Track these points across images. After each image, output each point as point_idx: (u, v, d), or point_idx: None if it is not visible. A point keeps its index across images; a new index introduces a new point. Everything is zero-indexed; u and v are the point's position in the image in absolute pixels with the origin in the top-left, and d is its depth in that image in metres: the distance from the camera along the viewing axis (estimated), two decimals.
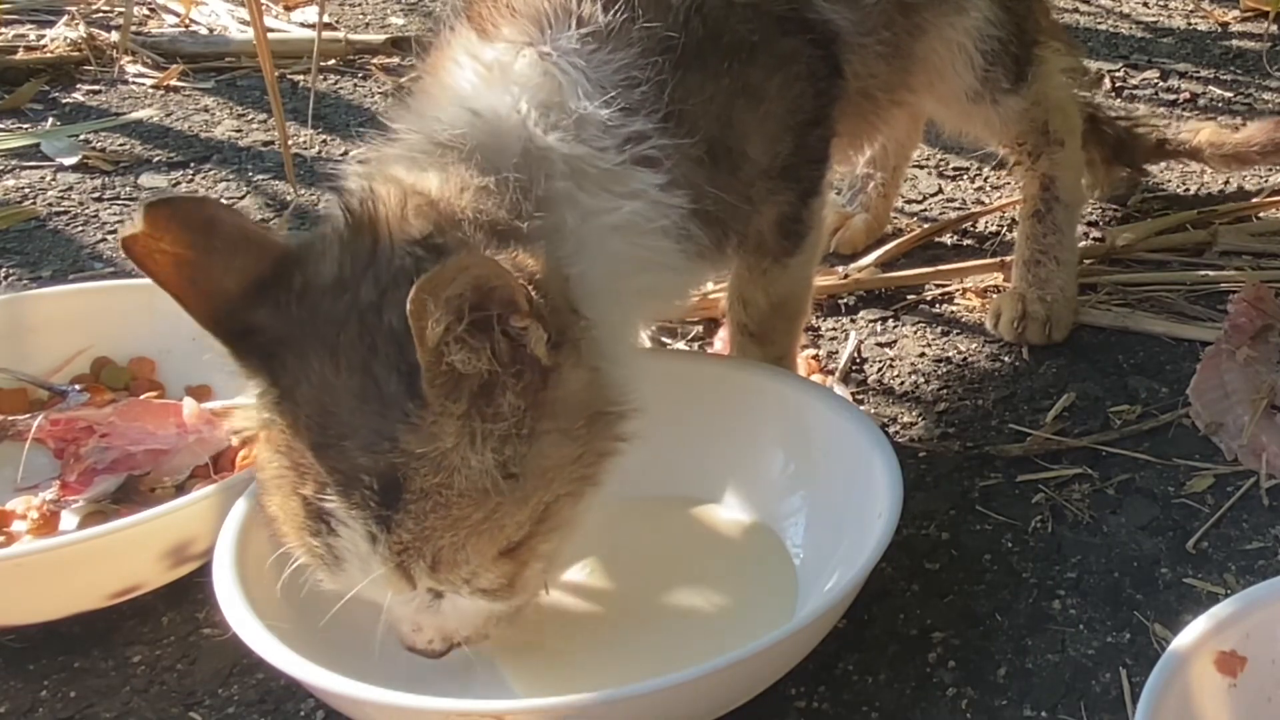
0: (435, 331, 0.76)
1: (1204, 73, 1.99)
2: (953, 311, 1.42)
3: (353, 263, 0.85)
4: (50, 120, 1.81)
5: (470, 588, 0.86)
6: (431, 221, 0.85)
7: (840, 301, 1.43)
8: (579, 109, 0.91)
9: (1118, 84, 1.94)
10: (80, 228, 1.57)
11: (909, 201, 1.62)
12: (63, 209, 1.60)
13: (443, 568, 0.84)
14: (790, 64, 1.04)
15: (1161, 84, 1.94)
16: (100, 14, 2.12)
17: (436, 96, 0.94)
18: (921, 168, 1.69)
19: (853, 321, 1.40)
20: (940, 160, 1.72)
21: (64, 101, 1.88)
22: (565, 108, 0.91)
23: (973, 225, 1.58)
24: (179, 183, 1.67)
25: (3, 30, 2.03)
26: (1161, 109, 1.87)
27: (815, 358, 1.33)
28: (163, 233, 0.83)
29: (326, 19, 2.11)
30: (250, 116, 1.85)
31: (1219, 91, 1.91)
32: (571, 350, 0.85)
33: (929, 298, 1.44)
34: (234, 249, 0.85)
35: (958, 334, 1.38)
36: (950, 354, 1.35)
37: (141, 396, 1.17)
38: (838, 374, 1.31)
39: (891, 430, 1.23)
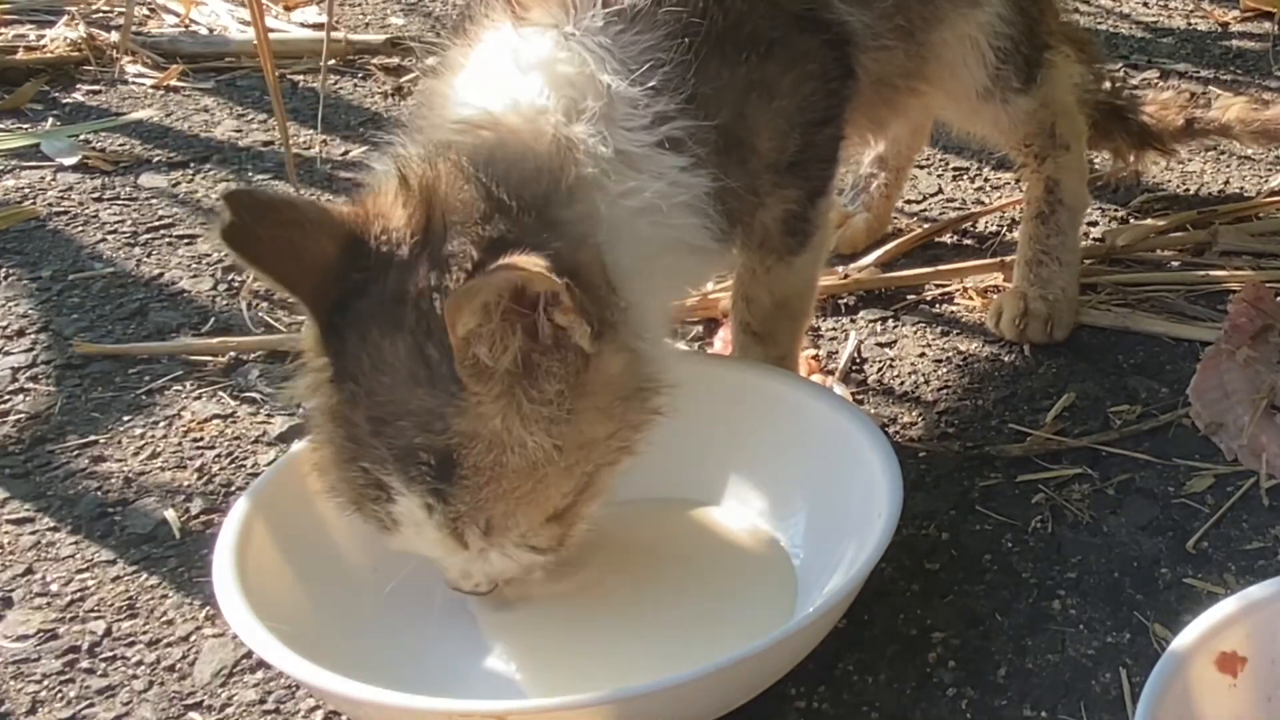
0: (464, 330, 0.81)
1: (1204, 73, 1.98)
2: (953, 311, 1.42)
3: (411, 239, 0.88)
4: (50, 120, 1.81)
5: (520, 547, 0.92)
6: (485, 203, 0.88)
7: (840, 301, 1.43)
8: (606, 86, 0.93)
9: (1118, 84, 1.94)
10: (80, 228, 1.57)
11: (909, 201, 1.62)
12: (63, 209, 1.60)
13: (494, 533, 0.89)
14: (804, 62, 1.06)
15: (1162, 84, 1.94)
16: (100, 14, 2.12)
17: (469, 83, 0.96)
18: (922, 168, 1.69)
19: (853, 321, 1.40)
20: (941, 160, 1.72)
21: (64, 101, 1.88)
22: (592, 87, 0.93)
23: (973, 225, 1.58)
24: (179, 183, 1.67)
25: (3, 30, 2.03)
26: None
27: (815, 358, 1.32)
28: (253, 216, 0.86)
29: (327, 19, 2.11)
30: (250, 116, 1.85)
31: (1219, 91, 1.91)
32: (611, 335, 0.89)
33: (929, 298, 1.44)
34: (316, 220, 0.89)
35: (958, 334, 1.38)
36: (950, 354, 1.35)
37: None
38: (838, 374, 1.31)
39: (891, 430, 1.23)
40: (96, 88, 1.92)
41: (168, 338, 1.37)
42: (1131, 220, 1.58)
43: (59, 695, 0.97)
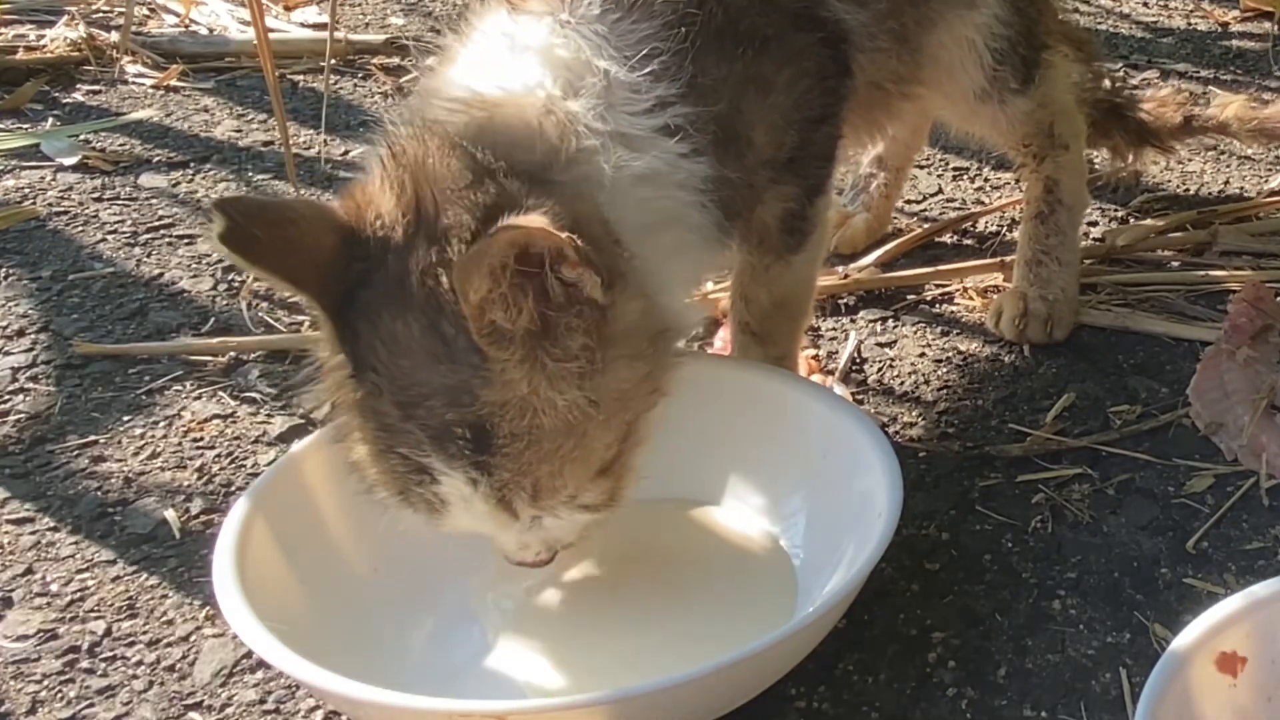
0: (476, 296, 0.81)
1: (1204, 73, 1.98)
2: (953, 311, 1.42)
3: (404, 219, 0.88)
4: (50, 120, 1.81)
5: (571, 508, 0.91)
6: (473, 172, 0.87)
7: (840, 301, 1.43)
8: (604, 71, 0.93)
9: (1118, 84, 1.94)
10: (80, 228, 1.57)
11: (909, 201, 1.62)
12: (63, 209, 1.60)
13: (543, 496, 0.89)
14: (800, 60, 1.06)
15: (1161, 84, 1.94)
16: (100, 14, 2.12)
17: (465, 67, 0.96)
18: (922, 168, 1.69)
19: (853, 321, 1.40)
20: (941, 160, 1.72)
21: (64, 101, 1.88)
22: (590, 71, 0.93)
23: (973, 225, 1.58)
24: (179, 183, 1.67)
25: (3, 30, 2.03)
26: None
27: (815, 358, 1.32)
28: (247, 219, 0.86)
29: (327, 19, 2.11)
30: (250, 116, 1.85)
31: (1219, 92, 1.91)
32: (623, 284, 0.89)
33: (929, 298, 1.44)
34: (310, 216, 0.89)
35: (958, 334, 1.38)
36: (950, 354, 1.35)
37: None
38: (838, 374, 1.31)
39: (891, 430, 1.23)
40: (96, 88, 1.92)
41: (168, 338, 1.37)
42: (1131, 220, 1.58)
43: (59, 695, 0.97)
